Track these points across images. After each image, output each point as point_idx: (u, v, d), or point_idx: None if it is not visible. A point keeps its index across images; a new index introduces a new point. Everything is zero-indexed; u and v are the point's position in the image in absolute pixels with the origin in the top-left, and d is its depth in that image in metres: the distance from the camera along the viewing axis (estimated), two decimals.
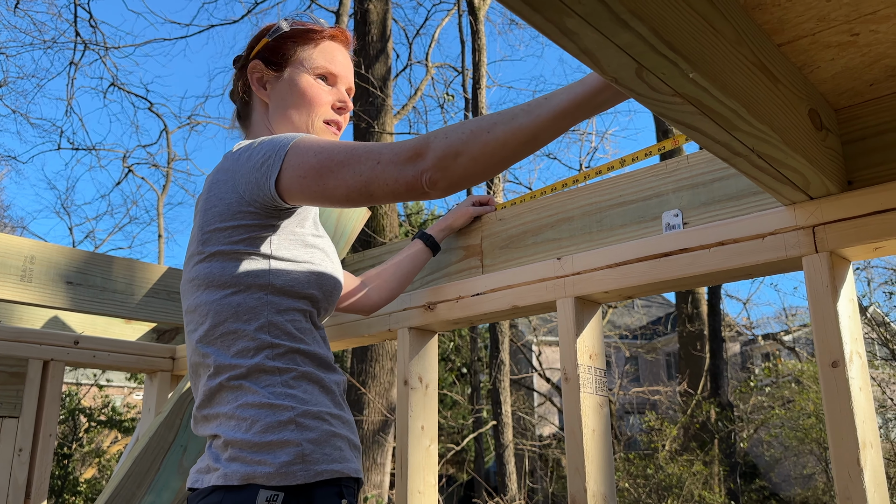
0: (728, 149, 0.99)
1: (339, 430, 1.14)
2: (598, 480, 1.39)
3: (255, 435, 1.07)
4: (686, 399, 11.27)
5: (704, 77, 0.82)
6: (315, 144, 1.10)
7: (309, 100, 1.32)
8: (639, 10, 0.71)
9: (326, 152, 1.08)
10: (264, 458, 1.05)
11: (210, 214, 1.17)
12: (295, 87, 1.32)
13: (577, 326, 1.45)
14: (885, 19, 0.99)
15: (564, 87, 1.02)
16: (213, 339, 1.15)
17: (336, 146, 1.09)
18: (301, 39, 1.34)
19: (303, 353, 1.17)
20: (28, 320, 2.30)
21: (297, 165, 1.09)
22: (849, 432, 1.10)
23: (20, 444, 2.08)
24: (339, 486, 1.09)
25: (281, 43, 1.34)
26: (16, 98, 27.56)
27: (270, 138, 1.16)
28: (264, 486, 1.03)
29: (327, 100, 1.33)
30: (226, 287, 1.15)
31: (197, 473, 1.13)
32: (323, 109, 1.33)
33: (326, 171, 1.07)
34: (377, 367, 8.20)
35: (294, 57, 1.33)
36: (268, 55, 1.34)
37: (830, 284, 1.16)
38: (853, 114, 1.22)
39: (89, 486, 9.71)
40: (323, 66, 1.33)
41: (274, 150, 1.12)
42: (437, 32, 12.35)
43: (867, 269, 13.21)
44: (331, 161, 1.07)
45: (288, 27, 1.35)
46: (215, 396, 1.14)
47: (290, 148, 1.11)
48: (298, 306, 1.19)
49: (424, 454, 1.70)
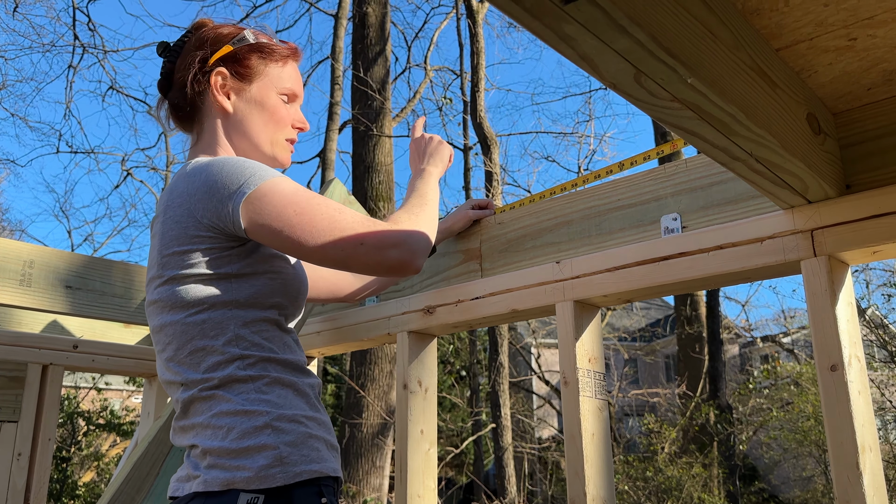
0: (727, 153, 0.99)
1: (316, 432, 1.15)
2: (597, 484, 1.39)
3: (232, 442, 1.08)
4: (685, 401, 11.28)
5: (703, 82, 0.82)
6: (294, 199, 1.12)
7: (277, 119, 1.33)
8: (637, 16, 0.71)
9: (308, 215, 1.11)
10: (243, 464, 1.06)
11: (167, 238, 1.17)
12: (265, 104, 1.31)
13: (576, 330, 1.45)
14: (882, 24, 0.99)
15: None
16: (183, 357, 1.16)
17: (317, 209, 1.12)
18: (270, 56, 1.34)
19: (273, 360, 1.18)
20: (27, 324, 2.30)
21: (275, 217, 1.11)
22: (848, 436, 1.10)
23: (19, 448, 2.08)
24: (318, 486, 1.10)
25: (248, 55, 1.32)
26: (14, 101, 27.54)
27: (233, 166, 1.15)
28: (245, 490, 1.04)
29: (289, 119, 1.35)
30: (190, 307, 1.16)
31: (177, 482, 1.14)
32: (287, 129, 1.35)
33: (307, 235, 1.10)
34: (376, 370, 8.19)
35: (262, 72, 1.32)
36: (233, 65, 1.32)
37: (829, 288, 1.16)
38: (851, 118, 1.22)
39: (88, 489, 9.69)
40: (289, 88, 1.34)
41: (241, 185, 1.12)
42: (436, 35, 12.38)
43: (866, 272, 13.23)
44: (312, 228, 1.10)
45: (254, 39, 1.34)
46: (190, 408, 1.15)
47: (266, 193, 1.12)
48: (265, 316, 1.19)
49: (424, 458, 1.70)
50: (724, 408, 11.18)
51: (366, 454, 8.08)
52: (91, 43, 13.43)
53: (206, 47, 1.32)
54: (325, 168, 11.08)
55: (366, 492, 7.88)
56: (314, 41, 35.62)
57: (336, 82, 10.88)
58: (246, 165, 1.15)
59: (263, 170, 1.16)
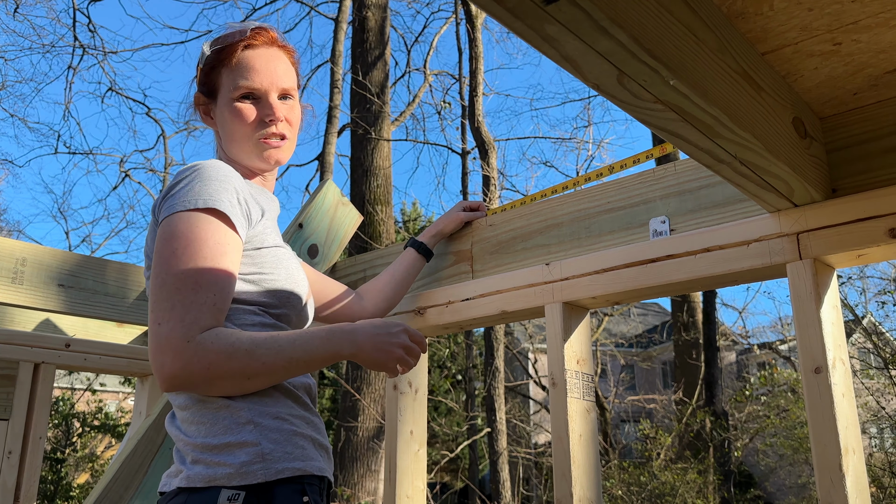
0: (711, 156, 1.00)
1: (302, 430, 1.15)
2: (584, 485, 1.40)
3: (213, 437, 1.09)
4: (681, 407, 11.27)
5: (686, 84, 0.83)
6: (177, 243, 1.10)
7: (237, 126, 1.29)
8: (618, 17, 0.72)
9: (169, 266, 1.09)
10: (224, 460, 1.07)
11: (150, 242, 1.21)
12: (224, 119, 1.30)
13: (564, 332, 1.46)
14: (866, 29, 1.00)
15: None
16: None
17: (179, 268, 1.08)
18: (219, 63, 1.31)
19: None
20: (19, 323, 2.30)
21: (159, 248, 1.11)
22: (831, 438, 1.11)
23: (10, 446, 2.08)
24: (301, 484, 1.10)
25: (208, 71, 1.32)
26: (14, 102, 27.53)
27: (191, 180, 1.15)
28: (226, 486, 1.05)
29: (252, 118, 1.29)
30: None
31: (167, 477, 1.15)
32: (250, 131, 1.29)
33: (156, 281, 1.09)
34: (372, 373, 8.18)
35: (219, 83, 1.31)
36: (202, 85, 1.34)
37: (814, 291, 1.17)
38: (838, 122, 1.23)
39: (82, 490, 9.66)
40: (242, 86, 1.28)
41: (177, 201, 1.13)
42: (436, 40, 12.40)
43: (863, 279, 13.23)
44: (164, 278, 1.09)
45: (209, 51, 1.32)
46: (177, 400, 1.16)
47: (173, 222, 1.12)
48: (250, 311, 1.19)
49: (413, 459, 1.71)
50: (720, 414, 11.17)
51: (361, 458, 8.07)
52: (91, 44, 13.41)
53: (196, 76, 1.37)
54: (323, 171, 11.09)
55: (361, 495, 7.87)
56: (314, 45, 35.68)
57: (335, 86, 10.90)
58: (196, 187, 1.14)
59: (205, 197, 1.13)
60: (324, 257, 1.95)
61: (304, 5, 12.81)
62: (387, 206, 9.06)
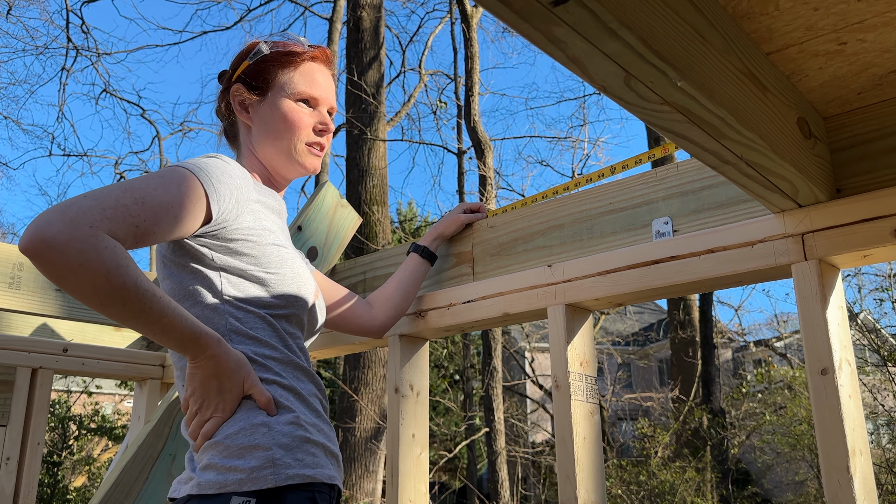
0: (717, 157, 0.99)
1: (314, 437, 1.15)
2: (588, 488, 1.39)
3: (226, 438, 1.09)
4: (678, 405, 11.28)
5: (692, 86, 0.82)
6: (133, 183, 1.09)
7: (290, 124, 1.33)
8: (627, 19, 0.71)
9: (109, 191, 1.06)
10: (235, 465, 1.06)
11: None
12: (277, 113, 1.33)
13: (567, 334, 1.45)
14: (871, 28, 1.00)
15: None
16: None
17: (123, 189, 1.06)
18: (281, 63, 1.35)
19: (273, 359, 1.18)
20: (17, 328, 2.29)
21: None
22: (838, 440, 1.10)
23: (8, 452, 2.06)
24: (311, 492, 1.09)
25: (262, 67, 1.34)
26: (7, 104, 27.39)
27: (194, 159, 1.19)
28: (237, 492, 1.04)
29: (308, 122, 1.35)
30: (185, 299, 1.19)
31: (177, 483, 1.15)
32: (304, 133, 1.34)
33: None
34: (369, 373, 8.17)
35: (275, 81, 1.34)
36: (249, 79, 1.35)
37: (819, 292, 1.16)
38: (842, 122, 1.22)
39: (79, 493, 9.63)
40: (304, 91, 1.34)
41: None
42: (431, 40, 12.38)
43: (858, 276, 13.27)
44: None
45: (268, 50, 1.35)
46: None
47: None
48: (259, 313, 1.20)
49: (415, 462, 1.70)
50: (717, 412, 11.20)
51: (359, 458, 8.05)
52: (84, 45, 13.39)
53: (231, 69, 1.38)
54: (319, 172, 11.08)
55: (359, 496, 7.86)
56: None
57: None
58: (202, 161, 1.17)
59: (205, 173, 1.14)
60: (323, 259, 1.94)
61: (298, 5, 12.78)
62: (383, 207, 9.05)
